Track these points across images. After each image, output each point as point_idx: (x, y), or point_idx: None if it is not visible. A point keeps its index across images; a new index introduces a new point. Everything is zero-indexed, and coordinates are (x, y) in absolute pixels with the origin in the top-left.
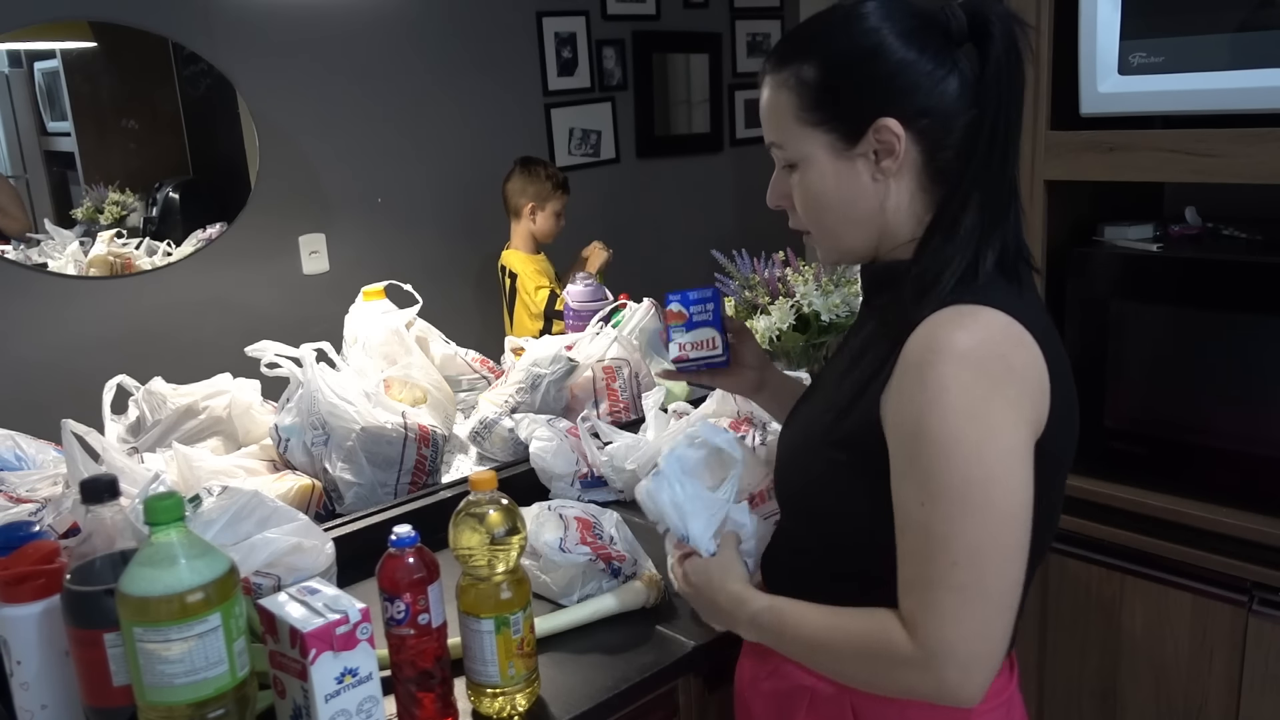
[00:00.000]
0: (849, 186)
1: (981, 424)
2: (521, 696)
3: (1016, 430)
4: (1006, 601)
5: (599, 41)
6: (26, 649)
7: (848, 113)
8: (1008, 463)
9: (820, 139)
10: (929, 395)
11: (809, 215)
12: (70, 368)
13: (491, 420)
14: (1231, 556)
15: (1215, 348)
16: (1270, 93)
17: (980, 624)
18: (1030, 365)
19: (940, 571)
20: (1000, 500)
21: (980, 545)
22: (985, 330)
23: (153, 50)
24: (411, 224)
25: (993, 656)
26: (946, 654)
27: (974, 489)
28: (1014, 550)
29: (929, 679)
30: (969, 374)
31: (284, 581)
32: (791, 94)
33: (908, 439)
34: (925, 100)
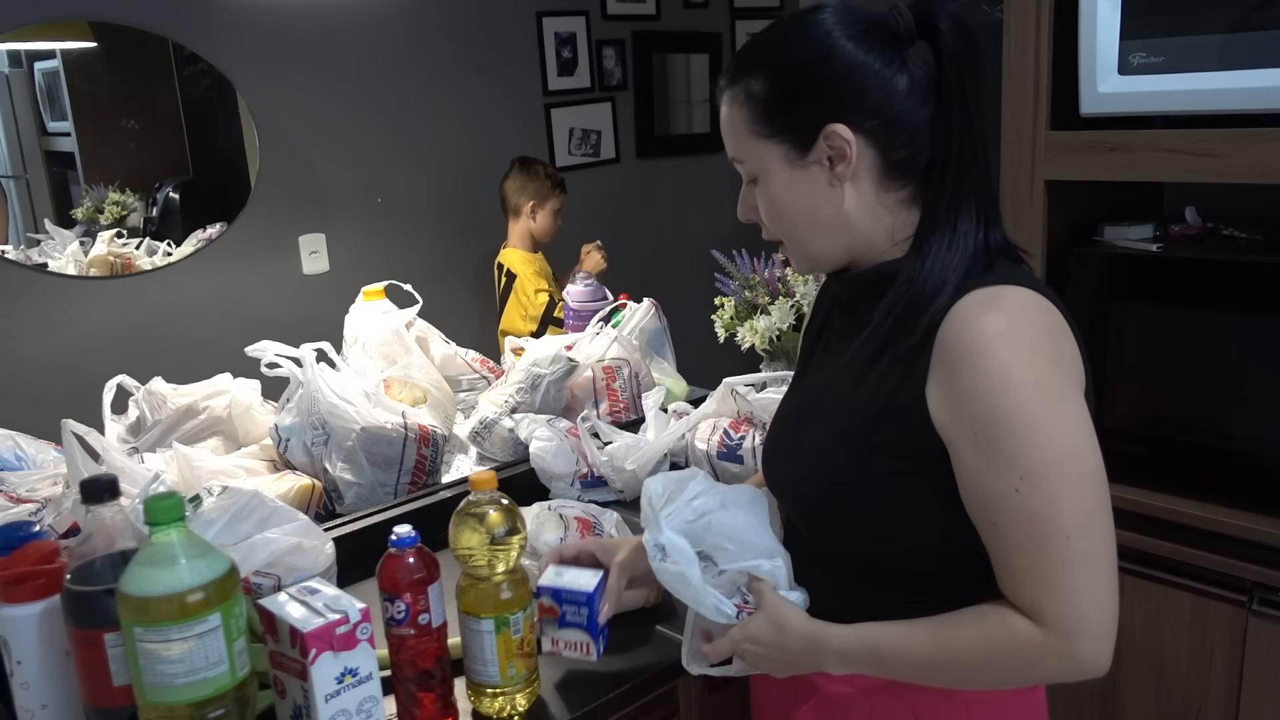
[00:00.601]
0: (808, 195)
1: (1053, 397)
2: (521, 696)
3: (1077, 395)
4: (1114, 560)
5: (599, 41)
6: (27, 649)
7: (796, 122)
8: (1084, 428)
9: (774, 150)
10: (994, 381)
11: (776, 226)
12: (70, 368)
13: (491, 420)
14: (1231, 556)
15: (1215, 348)
16: (1270, 93)
17: (1103, 589)
18: (1065, 332)
19: (1058, 551)
20: (1090, 465)
21: (1089, 513)
22: (1019, 308)
23: (153, 50)
24: (411, 224)
25: (1116, 617)
26: (1079, 630)
27: (1067, 460)
28: (1109, 510)
29: (1065, 661)
30: (1025, 352)
31: (284, 581)
32: (743, 108)
33: (980, 429)
34: (874, 102)
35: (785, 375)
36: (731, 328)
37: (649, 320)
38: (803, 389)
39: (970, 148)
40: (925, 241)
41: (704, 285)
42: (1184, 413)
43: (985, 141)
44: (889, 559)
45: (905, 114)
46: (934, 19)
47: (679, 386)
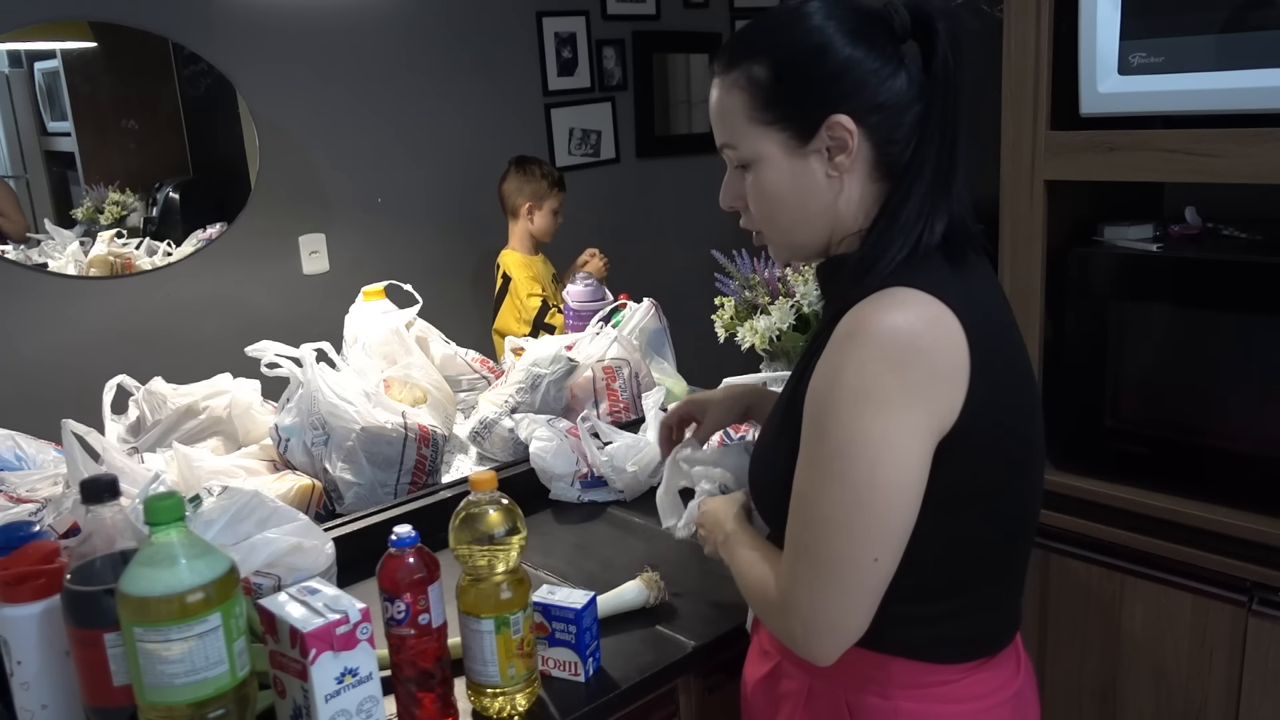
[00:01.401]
0: (804, 184)
1: (865, 403)
2: (521, 696)
3: (906, 413)
4: (851, 579)
5: (599, 41)
6: (27, 649)
7: (800, 111)
8: (881, 444)
9: (774, 137)
10: (831, 371)
11: (763, 214)
12: (70, 368)
13: (491, 420)
14: (1231, 556)
15: (1215, 347)
16: (1270, 93)
17: (824, 592)
18: (945, 350)
19: (796, 533)
20: (859, 478)
21: (829, 517)
22: (903, 313)
23: (153, 50)
24: (412, 224)
25: (834, 625)
26: (793, 609)
27: (836, 461)
28: (865, 530)
29: (784, 628)
30: (869, 353)
31: (284, 581)
32: (743, 94)
33: (809, 408)
34: (875, 96)
35: (785, 375)
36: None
37: (649, 320)
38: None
39: (947, 149)
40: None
41: (704, 285)
42: (1184, 413)
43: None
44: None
45: (900, 110)
46: (930, 18)
47: (679, 386)
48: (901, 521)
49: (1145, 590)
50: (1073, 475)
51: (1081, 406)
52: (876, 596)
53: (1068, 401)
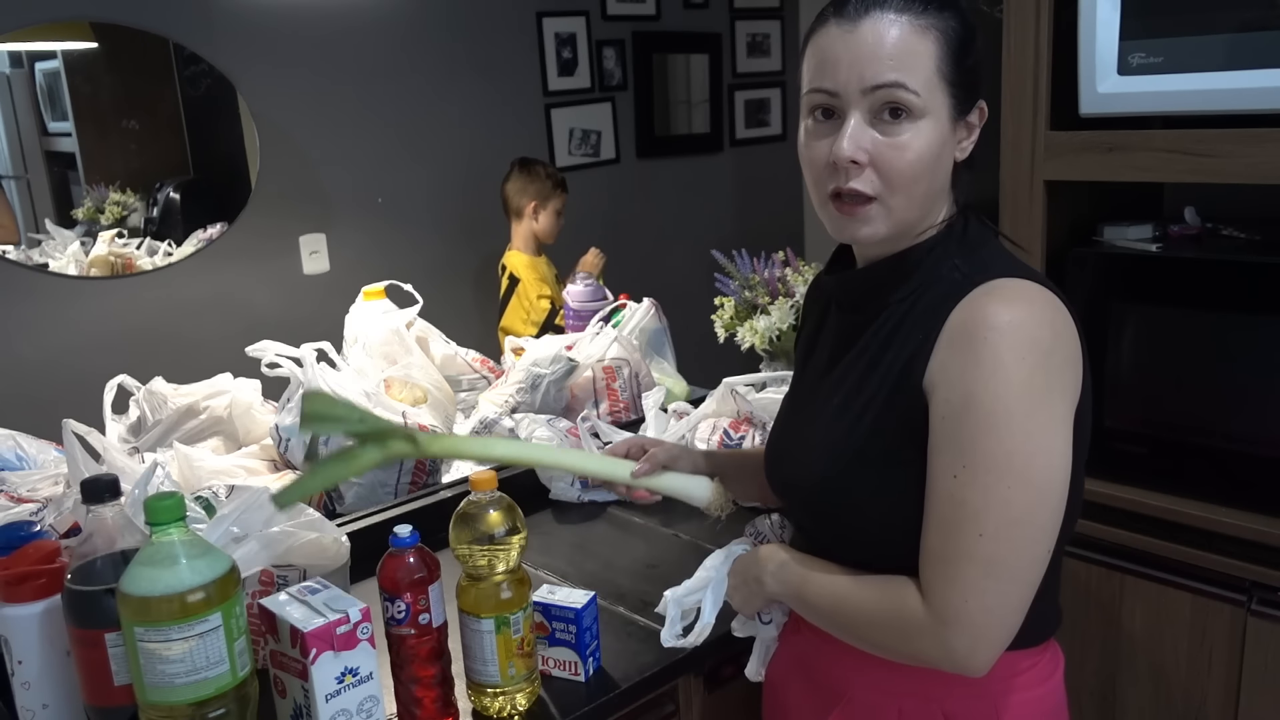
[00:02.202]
0: (941, 151)
1: (1032, 398)
2: (521, 696)
3: (1061, 401)
4: (1028, 577)
5: (599, 42)
6: (28, 648)
7: (971, 83)
8: (1052, 435)
9: (947, 99)
10: (983, 369)
11: (901, 175)
12: (71, 368)
13: (491, 420)
14: (1231, 556)
15: (1215, 348)
16: (1270, 93)
17: (997, 598)
18: (1070, 336)
19: (967, 543)
20: (1041, 473)
21: (1013, 519)
22: (1030, 303)
23: (153, 50)
24: (412, 224)
25: (1005, 630)
26: (958, 623)
27: (1016, 460)
28: (1045, 526)
29: (937, 646)
30: (1022, 347)
31: (309, 573)
32: (938, 43)
33: (956, 411)
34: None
35: (785, 375)
36: (731, 328)
37: (649, 320)
38: (806, 390)
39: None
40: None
41: (704, 285)
42: (1184, 413)
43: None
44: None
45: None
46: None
47: (679, 386)
48: (1062, 511)
49: (1145, 590)
50: None
51: None
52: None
53: None
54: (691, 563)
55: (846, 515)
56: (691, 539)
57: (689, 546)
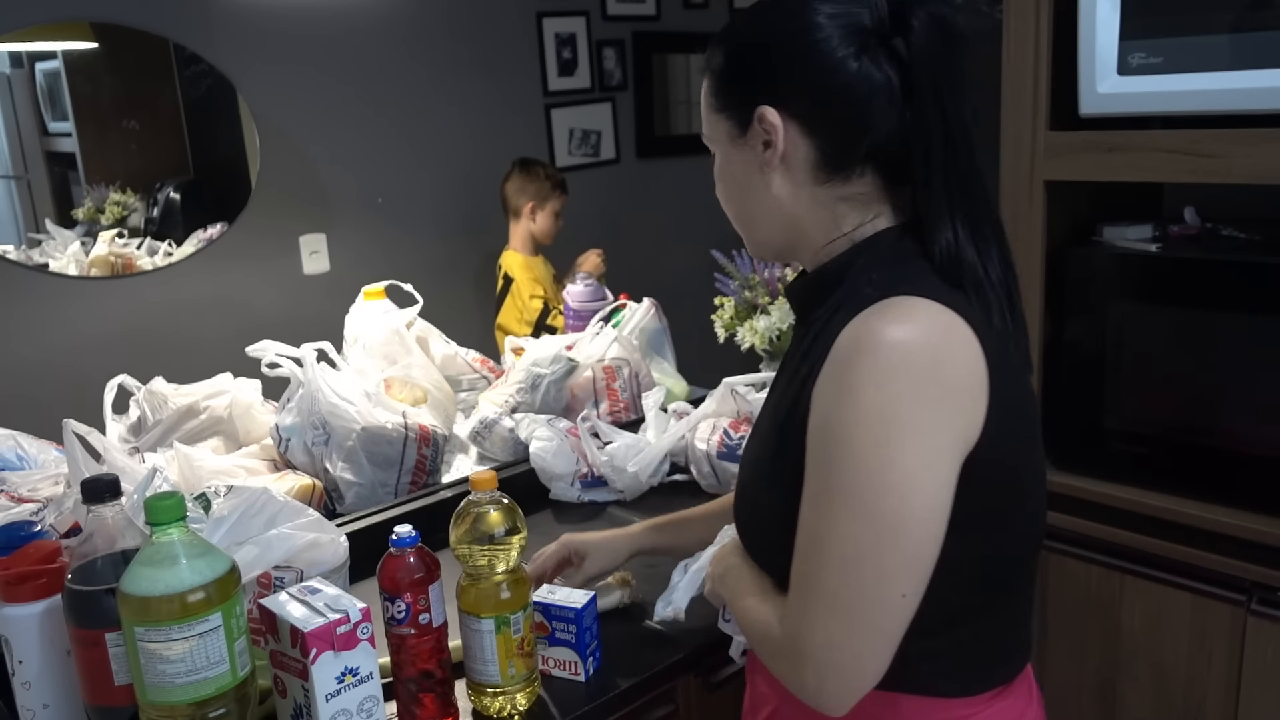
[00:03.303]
0: (743, 175)
1: (888, 427)
2: (522, 696)
3: (935, 436)
4: (875, 619)
5: (599, 42)
6: (28, 648)
7: (738, 100)
8: (912, 470)
9: (723, 125)
10: (841, 393)
11: (723, 203)
12: (71, 368)
13: (491, 420)
14: (1231, 556)
15: (1215, 348)
16: (1270, 93)
17: (841, 636)
18: (964, 367)
19: (813, 572)
20: (892, 512)
21: (855, 556)
22: (915, 326)
23: (154, 51)
24: (412, 224)
25: (854, 671)
26: (804, 655)
27: (864, 494)
28: (896, 568)
29: (793, 675)
30: (885, 373)
31: (306, 575)
32: (708, 80)
33: (817, 436)
34: (818, 92)
35: None
36: (731, 328)
37: (649, 320)
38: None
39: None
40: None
41: (704, 285)
42: (1183, 413)
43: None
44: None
45: (857, 109)
46: (908, 15)
47: (679, 386)
48: (931, 552)
49: (1145, 590)
50: (1073, 475)
51: (1081, 406)
52: (899, 636)
53: (1068, 401)
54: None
55: (757, 534)
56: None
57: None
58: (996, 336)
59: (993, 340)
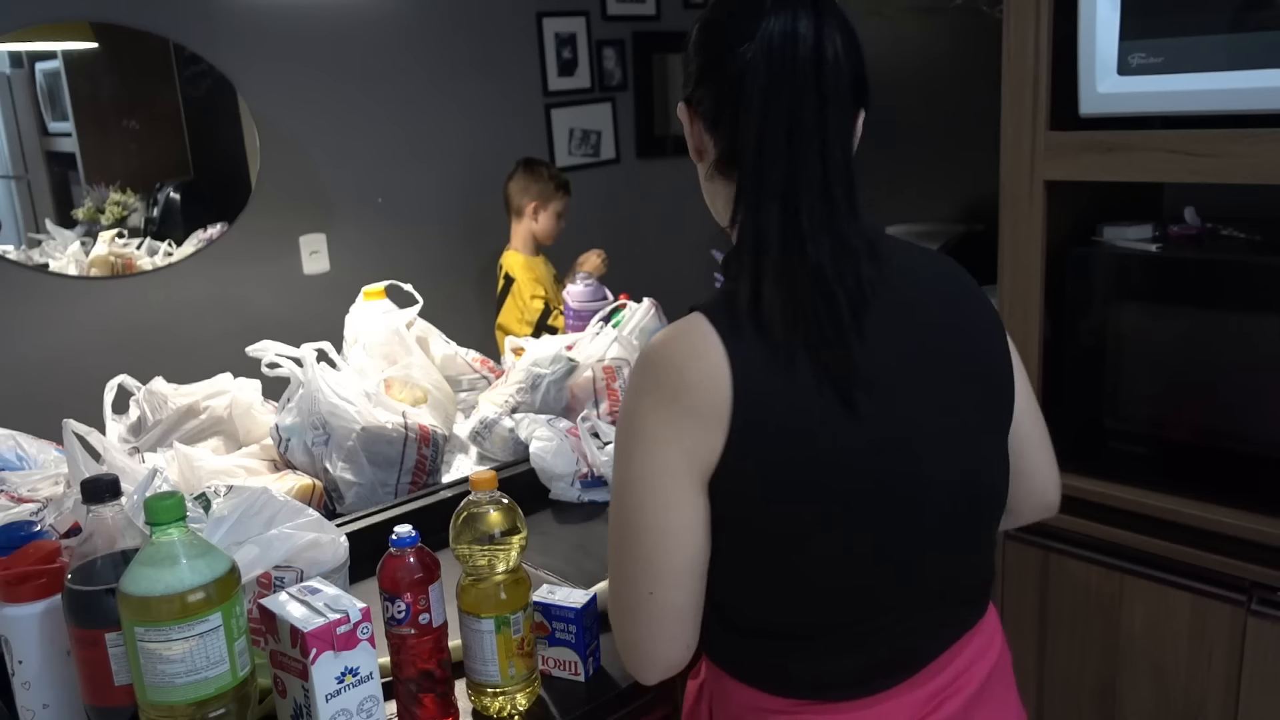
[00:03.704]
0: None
1: (635, 438)
2: (522, 696)
3: (666, 451)
4: (636, 609)
5: (599, 42)
6: (28, 648)
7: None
8: (642, 475)
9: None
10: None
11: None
12: (71, 368)
13: (491, 420)
14: (1231, 556)
15: (1215, 348)
16: (1270, 93)
17: (619, 618)
18: (703, 389)
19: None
20: (630, 517)
21: (614, 547)
22: (677, 342)
23: (153, 51)
24: (412, 224)
25: (639, 651)
26: (615, 633)
27: (616, 492)
28: (634, 565)
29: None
30: (640, 382)
31: (306, 575)
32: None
33: None
34: (712, 92)
35: None
36: None
37: (649, 320)
38: None
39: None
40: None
41: (704, 285)
42: (1183, 412)
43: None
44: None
45: (728, 109)
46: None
47: None
48: (674, 559)
49: (1145, 590)
50: (1073, 475)
51: (1081, 406)
52: (672, 625)
53: (1068, 401)
54: None
55: None
56: None
57: None
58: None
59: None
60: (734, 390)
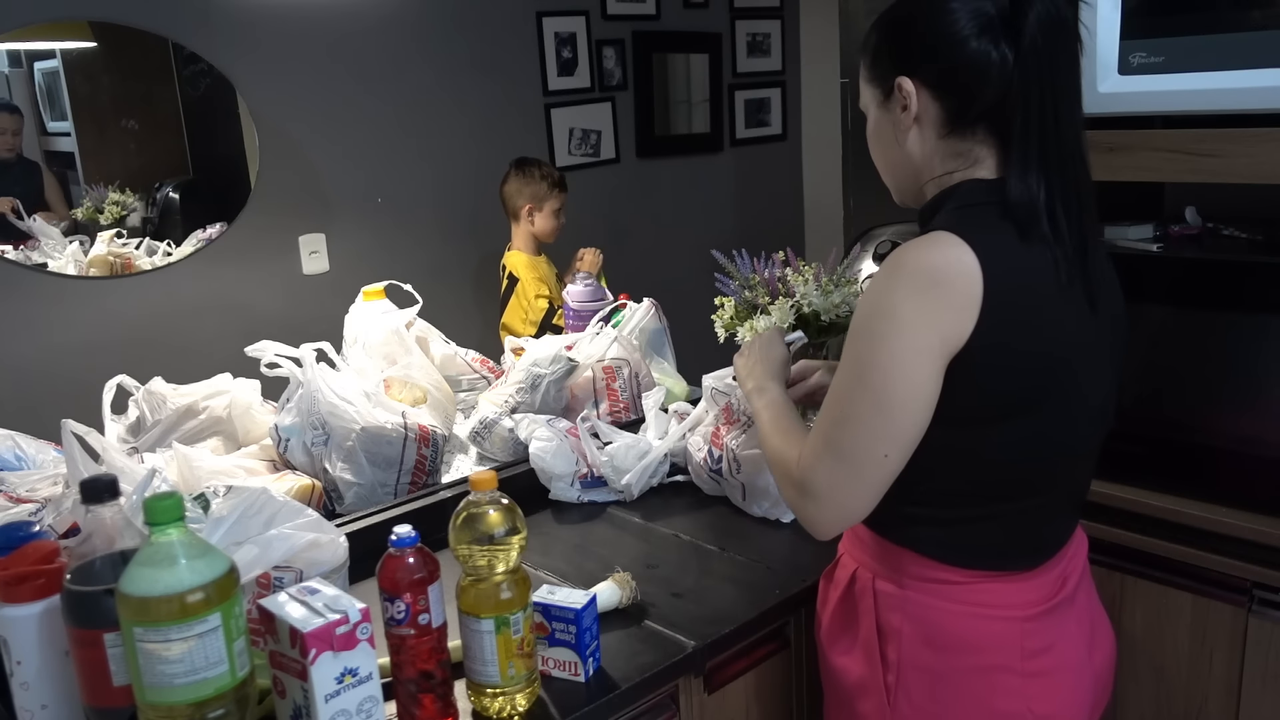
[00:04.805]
0: (885, 134)
1: (886, 320)
2: (521, 696)
3: (920, 334)
4: (869, 471)
5: (599, 41)
6: (27, 649)
7: (884, 72)
8: (899, 356)
9: (872, 94)
10: (870, 293)
11: (873, 156)
12: (70, 368)
13: (491, 420)
14: (1231, 556)
15: (1215, 348)
16: (1270, 93)
17: (838, 475)
18: (960, 285)
19: (825, 422)
20: (879, 383)
21: (854, 415)
22: (932, 247)
23: (153, 50)
24: (412, 224)
25: (846, 506)
26: (810, 490)
27: (862, 368)
28: (881, 431)
29: (798, 503)
30: (892, 280)
31: (305, 575)
32: (864, 56)
33: (853, 321)
34: (947, 63)
35: None
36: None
37: (649, 320)
38: None
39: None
40: (959, 190)
41: (704, 285)
42: (1184, 413)
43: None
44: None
45: (975, 78)
46: (1025, 7)
47: (679, 386)
48: (910, 426)
49: (1145, 590)
50: None
51: None
52: (882, 488)
53: None
54: (692, 563)
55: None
56: (691, 539)
57: (689, 546)
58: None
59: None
60: (985, 287)
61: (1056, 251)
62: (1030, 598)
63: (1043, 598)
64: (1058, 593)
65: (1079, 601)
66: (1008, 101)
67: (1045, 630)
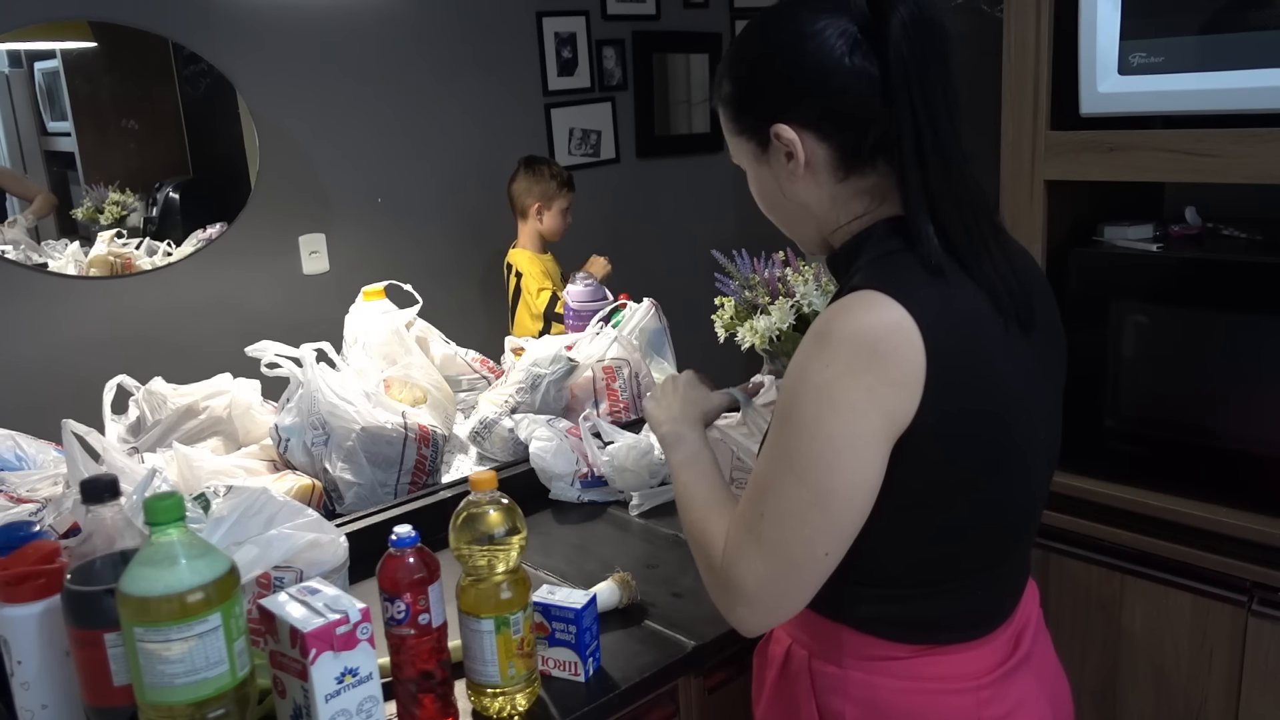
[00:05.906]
0: (771, 189)
1: (822, 404)
2: (521, 696)
3: (864, 418)
4: (805, 570)
5: (599, 41)
6: (27, 649)
7: (753, 123)
8: (839, 446)
9: (745, 148)
10: (798, 368)
11: (764, 212)
12: (70, 368)
13: (491, 420)
14: (1231, 556)
15: (1215, 347)
16: (1270, 93)
17: (770, 575)
18: (902, 357)
19: (752, 516)
20: (820, 478)
21: (787, 511)
22: (862, 317)
23: (153, 50)
24: (412, 224)
25: (779, 609)
26: (738, 588)
27: (798, 459)
28: (821, 528)
29: (723, 600)
30: (824, 355)
31: (305, 575)
32: (722, 109)
33: (779, 401)
34: (823, 97)
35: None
36: (731, 328)
37: (649, 320)
38: None
39: (920, 143)
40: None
41: (704, 285)
42: (1184, 413)
43: (945, 136)
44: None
45: (858, 106)
46: (885, 10)
47: None
48: (854, 520)
49: (1145, 590)
50: (1073, 475)
51: (1081, 406)
52: (819, 584)
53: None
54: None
55: None
56: None
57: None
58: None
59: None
60: (928, 355)
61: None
62: (984, 665)
63: (997, 662)
64: (1013, 653)
65: (1036, 656)
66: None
67: (1003, 695)
